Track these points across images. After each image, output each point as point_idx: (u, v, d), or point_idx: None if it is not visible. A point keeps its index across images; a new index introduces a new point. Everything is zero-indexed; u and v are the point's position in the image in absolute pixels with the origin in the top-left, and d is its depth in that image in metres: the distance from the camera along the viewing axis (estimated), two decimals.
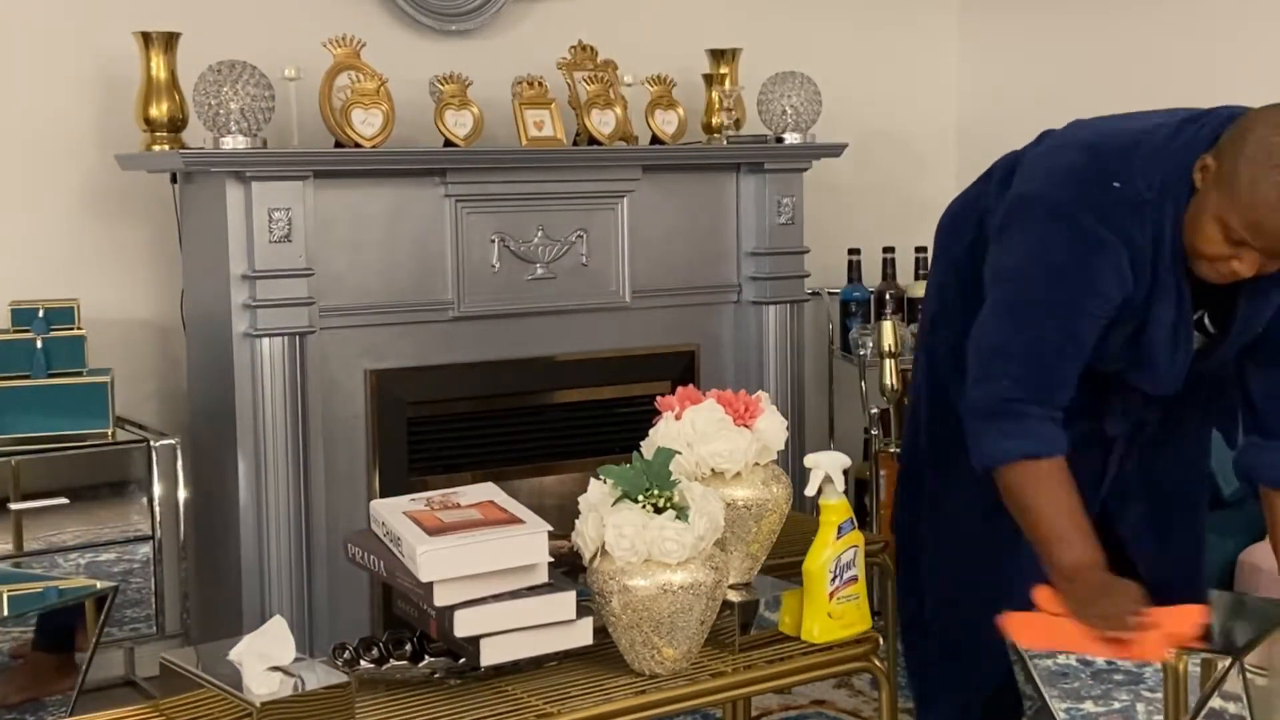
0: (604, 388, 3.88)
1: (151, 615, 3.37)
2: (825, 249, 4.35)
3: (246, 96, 3.31)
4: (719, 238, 4.00)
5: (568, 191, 3.76)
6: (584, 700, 1.99)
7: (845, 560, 2.18)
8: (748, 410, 2.17)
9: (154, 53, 3.45)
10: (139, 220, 3.71)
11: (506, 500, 2.14)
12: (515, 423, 3.81)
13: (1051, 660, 2.15)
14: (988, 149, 4.81)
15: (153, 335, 3.75)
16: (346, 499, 3.52)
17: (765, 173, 3.98)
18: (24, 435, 3.24)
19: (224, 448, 3.45)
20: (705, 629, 2.07)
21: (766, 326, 4.02)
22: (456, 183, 3.59)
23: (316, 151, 3.47)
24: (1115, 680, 2.11)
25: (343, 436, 3.53)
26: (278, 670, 1.85)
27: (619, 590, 2.00)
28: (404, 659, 2.06)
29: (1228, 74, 4.14)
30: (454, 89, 3.59)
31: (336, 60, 3.47)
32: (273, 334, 3.37)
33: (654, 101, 3.91)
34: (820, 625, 2.18)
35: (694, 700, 2.07)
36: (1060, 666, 2.17)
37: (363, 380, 3.54)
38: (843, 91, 4.43)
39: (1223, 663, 2.02)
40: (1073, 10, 4.53)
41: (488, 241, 3.66)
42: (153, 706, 1.97)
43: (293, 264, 3.39)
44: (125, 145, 3.55)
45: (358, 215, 3.50)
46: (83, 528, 3.29)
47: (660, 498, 2.02)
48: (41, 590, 2.83)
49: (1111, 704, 2.09)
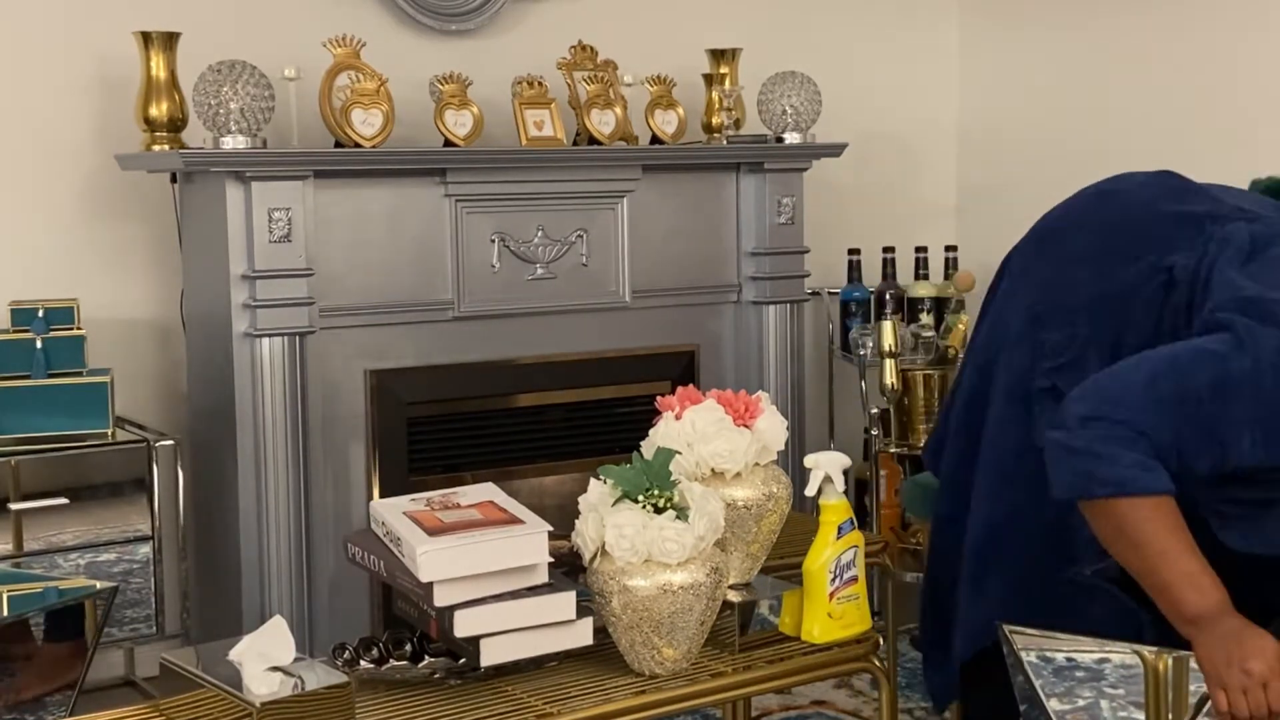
0: (604, 388, 3.88)
1: (151, 615, 3.36)
2: (825, 249, 4.35)
3: (246, 96, 3.31)
4: (719, 238, 4.01)
5: (568, 191, 3.76)
6: (584, 700, 1.99)
7: (845, 560, 2.18)
8: (748, 410, 2.17)
9: (154, 53, 3.45)
10: (139, 220, 3.71)
11: (506, 500, 2.14)
12: (515, 423, 3.81)
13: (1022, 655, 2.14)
14: (988, 149, 4.86)
15: (153, 335, 3.75)
16: (346, 499, 3.53)
17: (765, 173, 3.98)
18: (24, 435, 3.24)
19: (224, 448, 3.45)
20: (705, 629, 2.07)
21: (766, 326, 4.02)
22: (456, 183, 3.60)
23: (316, 151, 3.48)
24: (1076, 678, 2.10)
25: (343, 436, 3.53)
26: (278, 670, 1.85)
27: (619, 590, 2.00)
28: (404, 659, 2.06)
29: (1228, 74, 4.13)
30: (454, 89, 3.59)
31: (336, 60, 3.47)
32: (273, 334, 3.37)
33: (654, 101, 3.91)
34: (820, 625, 2.18)
35: (694, 700, 2.07)
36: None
37: (363, 380, 3.54)
38: (843, 91, 4.43)
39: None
40: (1073, 10, 4.53)
41: (488, 241, 3.66)
42: (153, 706, 1.97)
43: (293, 264, 3.39)
44: (125, 145, 3.55)
45: (358, 215, 3.50)
46: (83, 528, 3.29)
47: (660, 498, 2.02)
48: (41, 590, 2.83)
49: (1075, 701, 2.09)
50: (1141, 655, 2.07)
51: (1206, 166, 4.06)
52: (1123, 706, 2.07)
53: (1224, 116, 4.14)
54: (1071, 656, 2.11)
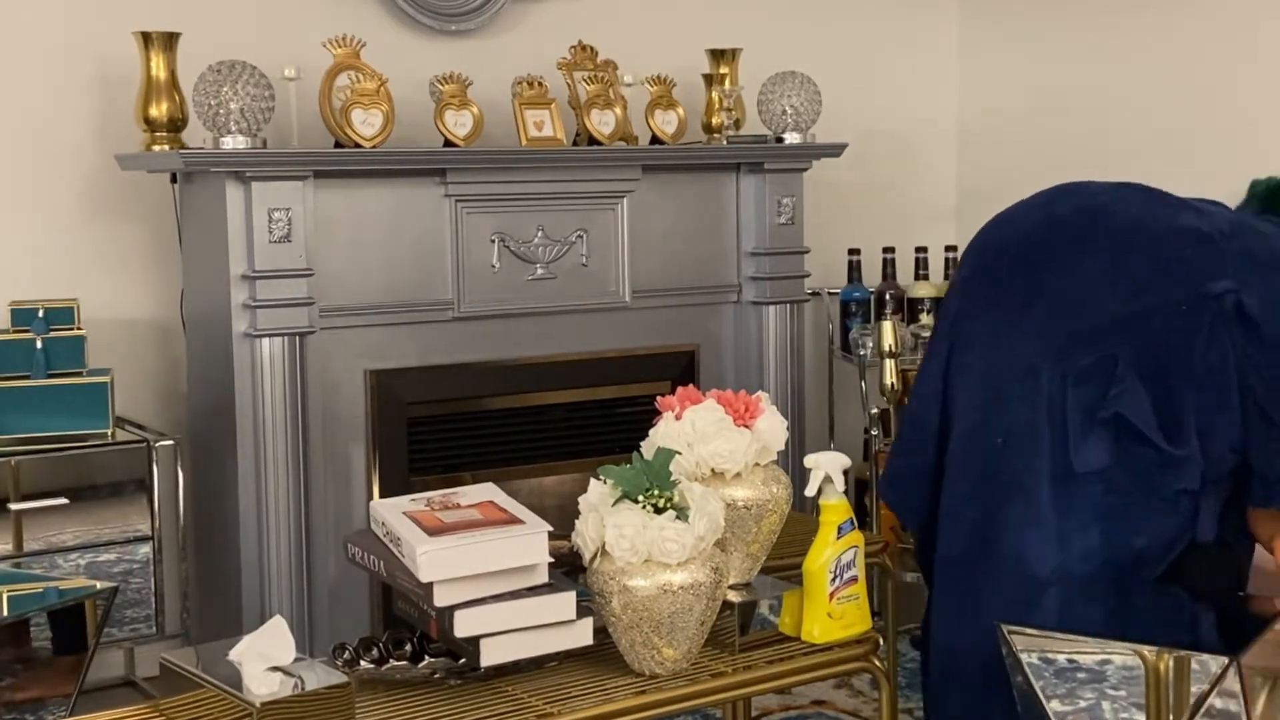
0: (604, 388, 3.88)
1: (151, 615, 3.36)
2: (825, 249, 4.36)
3: (246, 96, 3.31)
4: (719, 238, 4.01)
5: (568, 191, 3.76)
6: (584, 700, 1.99)
7: (845, 560, 2.18)
8: (748, 410, 2.16)
9: (154, 53, 3.45)
10: (139, 220, 3.71)
11: (506, 500, 2.14)
12: (515, 423, 3.81)
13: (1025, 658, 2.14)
14: (988, 149, 4.86)
15: (153, 335, 3.75)
16: (346, 499, 3.53)
17: (765, 173, 3.98)
18: (24, 435, 3.24)
19: (224, 448, 3.45)
20: (705, 629, 2.07)
21: (766, 326, 4.02)
22: (456, 183, 3.60)
23: (316, 151, 3.48)
24: (1078, 679, 2.10)
25: (343, 437, 3.53)
26: (278, 670, 1.85)
27: (619, 590, 2.00)
28: (404, 659, 2.06)
29: (1228, 74, 4.13)
30: (454, 89, 3.59)
31: (336, 60, 3.47)
32: (273, 334, 3.37)
33: (654, 101, 3.91)
34: (820, 625, 2.18)
35: (694, 700, 2.07)
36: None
37: (363, 380, 3.54)
38: (843, 91, 4.43)
39: (1220, 662, 2.02)
40: (1073, 10, 4.53)
41: (488, 241, 3.66)
42: (153, 706, 1.97)
43: (293, 264, 3.39)
44: (125, 145, 3.55)
45: (358, 215, 3.50)
46: (83, 528, 3.29)
47: (660, 498, 2.02)
48: (41, 590, 2.83)
49: (1077, 702, 2.09)
50: (1142, 655, 2.07)
51: (1206, 166, 4.07)
52: (1124, 708, 2.07)
53: (1224, 116, 4.14)
54: (1073, 658, 2.11)
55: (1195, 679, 2.02)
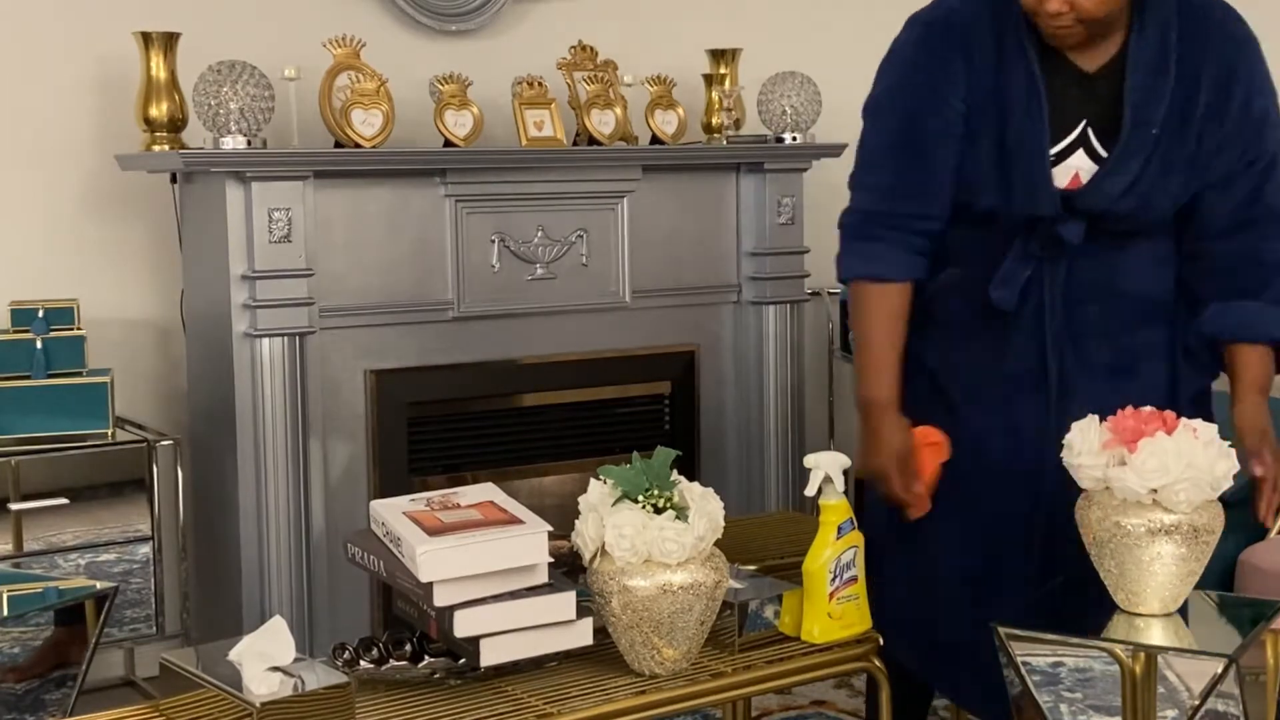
0: (604, 388, 3.88)
1: (151, 615, 3.37)
2: (825, 249, 4.33)
3: (246, 96, 3.32)
4: (719, 238, 4.01)
5: (567, 191, 3.76)
6: (584, 700, 1.99)
7: (845, 560, 2.19)
8: None
9: (154, 53, 3.45)
10: (139, 220, 3.71)
11: (506, 500, 2.14)
12: (515, 423, 3.81)
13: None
14: None
15: (153, 335, 3.75)
16: (346, 499, 3.53)
17: (765, 173, 3.99)
18: (24, 435, 3.24)
19: (224, 448, 3.45)
20: (705, 629, 2.07)
21: (766, 326, 4.02)
22: (456, 183, 3.60)
23: (316, 151, 3.48)
24: (1033, 681, 2.10)
25: (343, 437, 3.53)
26: (278, 670, 1.85)
27: (619, 590, 2.00)
28: (404, 659, 2.06)
29: None
30: (454, 89, 3.59)
31: (336, 60, 3.47)
32: (273, 334, 3.37)
33: (654, 101, 3.92)
34: (820, 625, 2.18)
35: (694, 700, 2.07)
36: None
37: (363, 380, 3.55)
38: (843, 91, 4.42)
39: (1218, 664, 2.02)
40: None
41: (488, 241, 3.66)
42: (153, 707, 1.97)
43: (292, 264, 3.39)
44: (125, 145, 3.55)
45: (358, 215, 3.50)
46: (83, 528, 3.29)
47: (660, 498, 2.02)
48: (41, 590, 2.83)
49: (1059, 704, 2.09)
50: (1116, 656, 2.07)
51: None
52: (1082, 709, 2.07)
53: None
54: (1059, 661, 2.11)
55: (1194, 679, 2.02)
